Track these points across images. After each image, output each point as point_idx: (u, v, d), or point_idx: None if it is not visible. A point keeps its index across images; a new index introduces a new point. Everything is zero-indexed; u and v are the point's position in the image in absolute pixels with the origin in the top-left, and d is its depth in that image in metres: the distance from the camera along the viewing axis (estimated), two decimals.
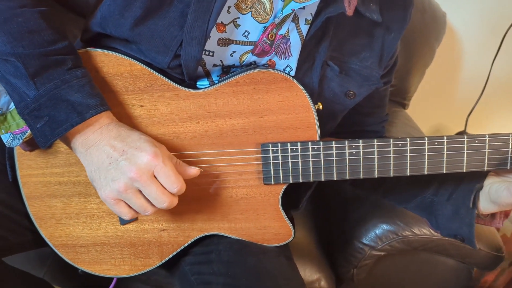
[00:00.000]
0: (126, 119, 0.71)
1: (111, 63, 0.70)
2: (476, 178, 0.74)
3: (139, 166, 0.61)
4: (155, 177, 0.62)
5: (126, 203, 0.64)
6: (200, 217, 0.76)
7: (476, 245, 0.74)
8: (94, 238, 0.76)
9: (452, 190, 0.77)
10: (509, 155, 0.69)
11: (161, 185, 0.63)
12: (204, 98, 0.71)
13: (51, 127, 0.62)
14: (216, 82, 0.74)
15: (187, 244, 0.77)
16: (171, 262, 0.80)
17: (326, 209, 1.22)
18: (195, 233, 0.77)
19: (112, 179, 0.62)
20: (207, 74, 0.75)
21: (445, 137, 0.69)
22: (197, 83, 0.75)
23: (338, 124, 0.87)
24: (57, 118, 0.62)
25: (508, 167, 0.69)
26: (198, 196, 0.75)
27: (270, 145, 0.72)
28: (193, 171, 0.68)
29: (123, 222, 0.76)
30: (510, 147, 0.68)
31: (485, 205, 0.72)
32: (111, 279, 0.79)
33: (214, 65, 0.74)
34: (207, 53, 0.71)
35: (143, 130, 0.71)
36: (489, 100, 1.62)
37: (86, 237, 0.76)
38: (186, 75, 0.71)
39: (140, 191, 0.63)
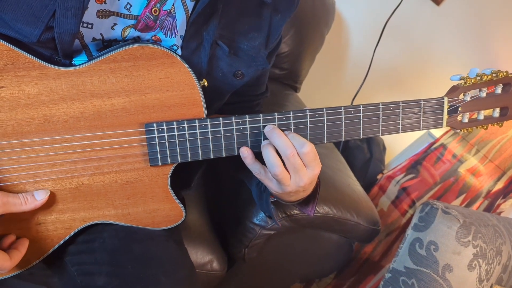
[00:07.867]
0: None
1: None
2: None
3: None
4: None
5: None
6: (82, 205, 0.70)
7: (279, 223, 0.81)
8: None
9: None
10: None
11: None
12: (78, 77, 0.64)
13: None
14: None
15: (68, 236, 0.71)
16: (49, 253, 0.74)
17: (218, 191, 1.21)
18: (77, 223, 0.71)
19: None
20: (85, 48, 0.68)
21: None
22: (75, 60, 0.68)
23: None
24: None
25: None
26: (78, 184, 0.69)
27: (155, 125, 0.68)
28: (41, 199, 0.65)
29: None
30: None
31: None
32: None
33: (94, 39, 0.68)
34: (85, 25, 0.65)
35: (7, 114, 0.63)
36: (371, 84, 1.73)
37: None
38: (61, 50, 0.64)
39: None
